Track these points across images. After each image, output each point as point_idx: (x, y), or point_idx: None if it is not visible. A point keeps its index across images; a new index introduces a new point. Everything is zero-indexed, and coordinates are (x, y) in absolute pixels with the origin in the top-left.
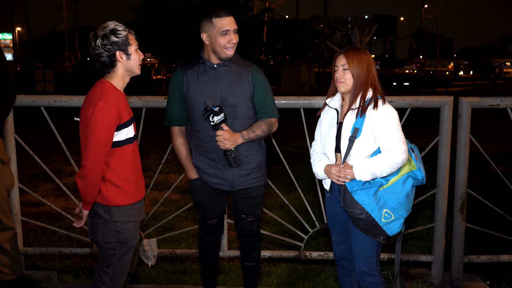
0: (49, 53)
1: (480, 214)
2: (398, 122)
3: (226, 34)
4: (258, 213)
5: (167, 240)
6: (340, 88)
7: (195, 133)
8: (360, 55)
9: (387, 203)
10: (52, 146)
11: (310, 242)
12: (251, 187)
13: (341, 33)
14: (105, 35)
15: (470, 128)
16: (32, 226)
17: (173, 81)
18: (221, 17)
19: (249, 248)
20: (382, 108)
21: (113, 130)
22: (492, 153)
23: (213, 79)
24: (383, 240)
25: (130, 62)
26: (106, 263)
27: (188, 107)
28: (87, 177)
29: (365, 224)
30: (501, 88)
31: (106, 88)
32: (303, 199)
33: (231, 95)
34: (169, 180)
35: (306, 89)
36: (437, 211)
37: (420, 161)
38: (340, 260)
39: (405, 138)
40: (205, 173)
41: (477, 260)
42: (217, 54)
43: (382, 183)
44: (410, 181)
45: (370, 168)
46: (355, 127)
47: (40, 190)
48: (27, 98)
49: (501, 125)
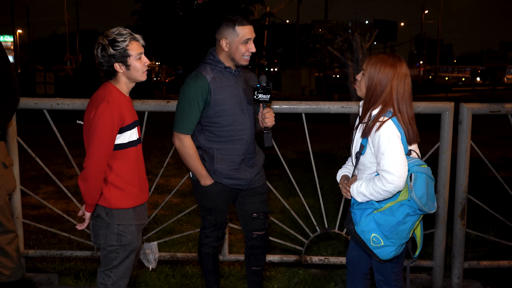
0: (50, 56)
1: (480, 219)
2: (396, 145)
3: (247, 43)
4: (267, 209)
5: (168, 243)
6: (357, 92)
7: (219, 138)
8: (381, 64)
9: (377, 228)
10: (52, 148)
11: (311, 246)
12: (261, 185)
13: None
14: (103, 46)
15: (470, 134)
16: (33, 228)
17: (197, 87)
18: (244, 25)
19: (260, 253)
20: (380, 129)
21: (115, 132)
22: (493, 159)
23: (234, 83)
24: (380, 262)
25: (130, 72)
26: (108, 266)
27: (213, 114)
28: (89, 179)
29: (359, 243)
30: (501, 94)
31: (109, 91)
32: (303, 203)
33: (249, 100)
34: (170, 183)
35: (306, 93)
36: (438, 216)
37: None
38: (348, 264)
39: (403, 165)
40: (226, 175)
41: (477, 265)
42: (234, 61)
43: (377, 207)
44: (404, 209)
45: (362, 190)
46: (361, 144)
47: (40, 192)
48: (30, 101)
49: (502, 131)
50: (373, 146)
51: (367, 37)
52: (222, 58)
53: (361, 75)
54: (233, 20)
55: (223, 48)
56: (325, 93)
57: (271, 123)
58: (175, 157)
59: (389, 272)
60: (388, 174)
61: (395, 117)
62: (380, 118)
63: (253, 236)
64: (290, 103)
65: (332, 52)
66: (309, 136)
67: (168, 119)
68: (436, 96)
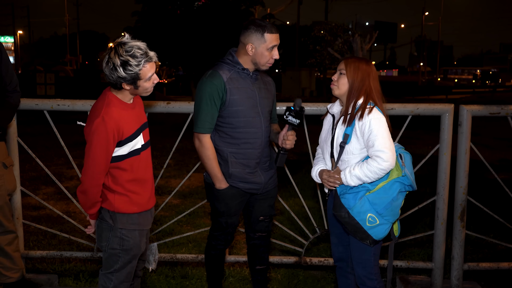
0: (50, 57)
1: (480, 221)
2: (386, 129)
3: (272, 50)
4: (274, 212)
5: (168, 244)
6: (334, 91)
7: (232, 140)
8: (359, 63)
9: (372, 207)
10: (52, 149)
11: (311, 248)
12: (273, 188)
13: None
14: (114, 66)
15: (470, 136)
16: (33, 229)
17: (213, 86)
18: (273, 33)
19: (262, 251)
20: (369, 115)
21: (110, 147)
22: (492, 160)
23: (251, 86)
24: (371, 244)
25: (138, 91)
26: (109, 269)
27: (227, 114)
28: (87, 193)
29: (351, 228)
30: (501, 96)
31: (108, 102)
32: (303, 204)
33: (265, 103)
34: (170, 184)
35: (307, 95)
36: (437, 218)
37: (408, 167)
38: (338, 261)
39: (393, 144)
40: (241, 179)
41: (477, 267)
42: (257, 66)
43: (369, 188)
44: (396, 186)
45: (357, 173)
46: (345, 133)
47: (41, 193)
48: (30, 102)
49: (501, 132)
50: (362, 131)
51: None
52: (242, 60)
53: (337, 75)
54: (263, 26)
55: (248, 52)
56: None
57: (291, 146)
58: (175, 158)
59: (371, 264)
60: (384, 153)
61: (377, 106)
62: (367, 106)
63: (256, 236)
64: (291, 104)
65: (332, 53)
66: (309, 138)
67: (169, 120)
68: (436, 98)
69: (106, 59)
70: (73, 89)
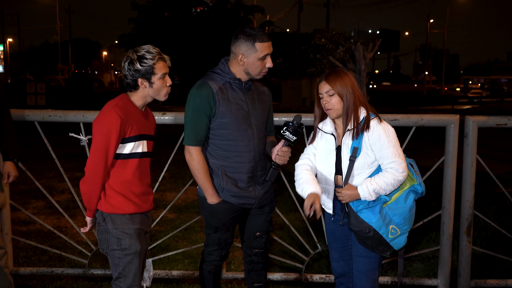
0: (41, 65)
1: (487, 236)
2: (396, 139)
3: (265, 59)
4: (271, 228)
5: (163, 261)
6: (331, 115)
7: (223, 153)
8: (341, 77)
9: (392, 219)
10: (43, 161)
11: (312, 264)
12: (269, 203)
13: (344, 48)
14: (132, 60)
15: (476, 148)
16: (23, 245)
17: (204, 98)
18: (264, 41)
19: (260, 268)
20: (378, 126)
21: (113, 139)
22: (500, 173)
23: (243, 96)
24: (390, 255)
25: (152, 90)
26: (115, 274)
27: (216, 126)
28: (86, 181)
29: (373, 242)
30: (509, 106)
31: (120, 98)
32: (304, 219)
33: (259, 114)
34: (165, 198)
35: (307, 105)
36: (443, 233)
37: (419, 175)
38: (339, 277)
39: (403, 154)
40: (234, 193)
41: (484, 284)
42: (249, 75)
43: (386, 200)
44: (412, 195)
45: (375, 187)
46: (354, 147)
47: (31, 207)
48: (20, 113)
49: (510, 144)
50: (372, 143)
51: (370, 47)
52: (234, 69)
53: (327, 97)
54: (253, 35)
55: (239, 63)
56: None
57: (283, 162)
58: (171, 170)
59: (376, 277)
60: (399, 164)
61: (377, 117)
62: (371, 117)
63: (253, 253)
64: (291, 115)
65: (333, 62)
66: None
67: (164, 131)
68: (442, 108)
69: (125, 59)
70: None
